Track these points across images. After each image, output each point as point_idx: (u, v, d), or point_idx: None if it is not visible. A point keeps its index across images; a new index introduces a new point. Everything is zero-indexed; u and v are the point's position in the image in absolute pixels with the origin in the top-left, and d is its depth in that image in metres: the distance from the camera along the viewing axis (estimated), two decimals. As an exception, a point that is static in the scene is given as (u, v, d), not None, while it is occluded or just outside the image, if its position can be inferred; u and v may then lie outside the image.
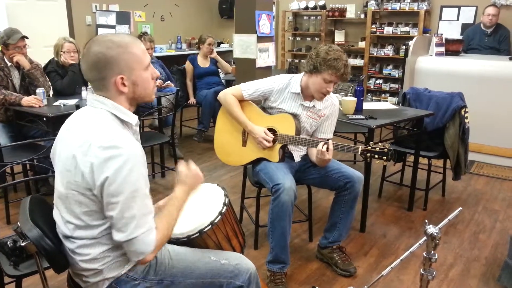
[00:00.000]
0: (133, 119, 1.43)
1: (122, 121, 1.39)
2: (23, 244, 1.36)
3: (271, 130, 2.47)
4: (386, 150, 2.18)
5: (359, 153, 2.25)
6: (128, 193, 1.27)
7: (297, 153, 2.58)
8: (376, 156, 2.21)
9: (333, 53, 2.28)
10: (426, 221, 1.47)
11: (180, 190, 1.54)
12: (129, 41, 1.37)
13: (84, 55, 1.37)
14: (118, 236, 1.31)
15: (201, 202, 1.72)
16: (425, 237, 1.41)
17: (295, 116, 2.47)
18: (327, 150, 2.28)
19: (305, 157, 2.59)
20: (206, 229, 1.58)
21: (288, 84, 2.50)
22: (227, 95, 2.55)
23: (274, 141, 2.46)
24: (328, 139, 2.50)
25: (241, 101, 2.56)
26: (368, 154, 2.23)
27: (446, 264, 2.63)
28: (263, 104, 2.61)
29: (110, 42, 1.34)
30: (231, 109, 2.52)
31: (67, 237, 1.39)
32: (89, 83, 3.63)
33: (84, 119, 1.38)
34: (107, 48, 1.33)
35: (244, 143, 2.57)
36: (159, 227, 1.37)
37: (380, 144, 2.24)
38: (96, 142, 1.27)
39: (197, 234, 1.57)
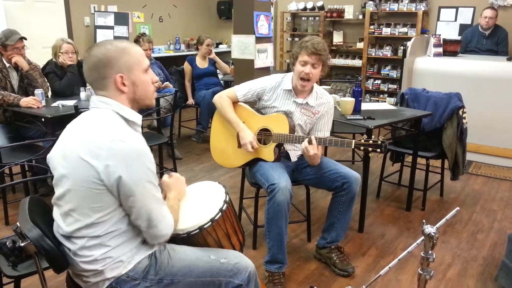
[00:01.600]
0: (138, 118, 1.48)
1: (127, 120, 1.43)
2: (22, 244, 1.36)
3: (265, 130, 2.48)
4: (379, 142, 2.22)
5: (352, 146, 2.28)
6: (146, 184, 1.35)
7: (294, 152, 2.59)
8: (370, 149, 2.23)
9: (306, 38, 2.40)
10: (424, 221, 1.48)
11: (170, 194, 1.65)
12: (128, 45, 1.45)
13: (85, 58, 1.44)
14: (144, 223, 1.39)
15: (202, 199, 1.73)
16: (422, 237, 1.42)
17: (288, 114, 2.48)
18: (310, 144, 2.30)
19: (302, 157, 2.60)
20: (206, 226, 1.58)
21: (281, 82, 2.53)
22: (221, 98, 2.57)
23: (269, 140, 2.48)
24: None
25: (236, 103, 2.57)
26: (362, 148, 2.25)
27: (444, 264, 2.64)
28: (257, 105, 2.62)
29: (110, 44, 1.43)
30: (224, 111, 2.54)
31: (69, 238, 1.40)
32: (87, 84, 3.61)
33: (91, 120, 1.41)
34: (106, 50, 1.40)
35: (240, 145, 2.57)
36: (172, 214, 1.49)
37: (373, 137, 2.28)
38: (107, 139, 1.32)
39: (197, 231, 1.58)
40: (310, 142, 2.30)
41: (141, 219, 1.38)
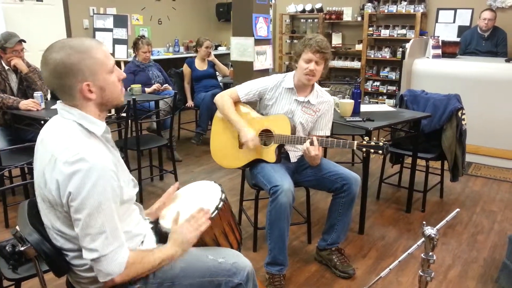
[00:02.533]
0: (100, 129, 1.36)
1: (90, 132, 1.34)
2: (22, 248, 1.35)
3: (267, 131, 2.48)
4: (381, 144, 2.22)
5: (354, 148, 2.28)
6: (92, 208, 1.23)
7: (294, 153, 2.59)
8: (372, 150, 2.24)
9: (309, 35, 2.45)
10: (424, 222, 1.48)
11: (169, 243, 1.49)
12: (90, 45, 1.32)
13: (43, 63, 1.30)
14: (85, 255, 1.27)
15: (198, 198, 1.74)
16: (423, 239, 1.42)
17: (290, 113, 2.50)
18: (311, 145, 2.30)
19: (302, 158, 2.60)
20: None
21: (282, 81, 2.55)
22: (223, 97, 2.57)
23: (270, 141, 2.48)
24: (327, 136, 2.53)
25: (237, 103, 2.57)
26: (364, 149, 2.25)
27: (445, 265, 2.63)
28: (258, 105, 2.63)
29: (69, 48, 1.28)
30: (225, 110, 2.53)
31: (59, 250, 1.38)
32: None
33: (53, 131, 1.35)
34: (67, 55, 1.27)
35: (241, 145, 2.57)
36: (134, 255, 1.34)
37: (374, 139, 2.28)
38: (61, 158, 1.25)
39: None
40: (312, 143, 2.31)
41: (84, 247, 1.27)
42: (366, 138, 2.29)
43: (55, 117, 1.39)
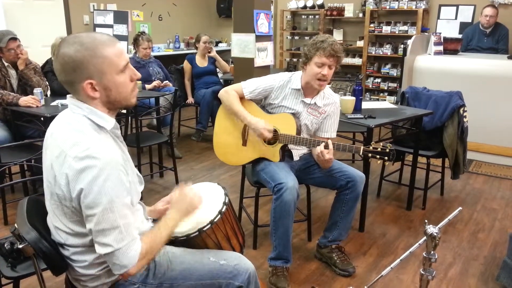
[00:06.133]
0: (109, 123, 1.35)
1: (99, 126, 1.33)
2: (20, 246, 1.35)
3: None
4: (387, 150, 2.18)
5: (360, 153, 2.24)
6: (105, 204, 1.23)
7: (297, 151, 2.57)
8: (378, 156, 2.20)
9: (320, 37, 2.33)
10: (426, 221, 1.47)
11: (171, 212, 1.52)
12: (101, 43, 1.28)
13: (55, 55, 1.30)
14: (99, 250, 1.27)
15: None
16: (424, 237, 1.41)
17: (295, 115, 2.46)
18: (326, 148, 2.27)
19: (305, 157, 2.59)
20: (205, 228, 1.57)
21: (289, 81, 2.49)
22: (227, 92, 2.53)
23: (275, 140, 2.46)
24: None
25: (242, 100, 2.53)
26: (370, 155, 2.22)
27: (445, 263, 2.63)
28: (263, 103, 2.60)
29: (79, 44, 1.26)
30: (231, 104, 2.49)
31: (61, 245, 1.38)
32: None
33: (63, 125, 1.33)
34: (75, 51, 1.25)
35: (244, 143, 2.55)
36: (144, 241, 1.35)
37: (381, 144, 2.24)
38: (71, 153, 1.24)
39: (197, 233, 1.56)
40: (326, 147, 2.28)
41: (98, 242, 1.26)
42: (372, 143, 2.25)
43: (65, 111, 1.38)
